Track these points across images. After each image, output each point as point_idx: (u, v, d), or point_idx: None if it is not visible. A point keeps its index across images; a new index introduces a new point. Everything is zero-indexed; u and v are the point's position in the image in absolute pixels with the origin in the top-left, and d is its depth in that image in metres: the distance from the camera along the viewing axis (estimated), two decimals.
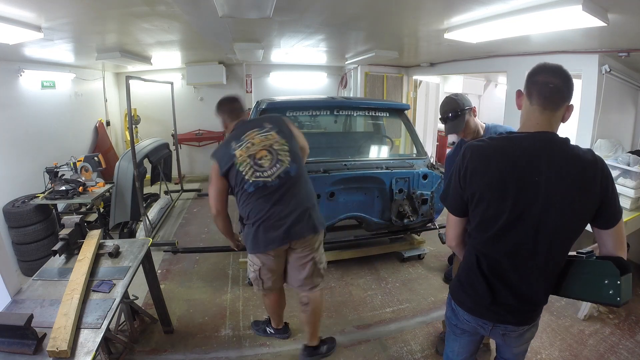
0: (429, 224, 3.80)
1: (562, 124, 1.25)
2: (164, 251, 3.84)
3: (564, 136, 1.22)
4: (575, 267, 1.29)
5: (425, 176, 3.48)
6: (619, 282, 1.13)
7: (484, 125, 2.30)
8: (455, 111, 2.17)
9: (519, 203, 1.21)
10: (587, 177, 1.18)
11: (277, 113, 4.00)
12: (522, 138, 1.24)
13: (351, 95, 6.93)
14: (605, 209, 1.21)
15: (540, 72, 1.21)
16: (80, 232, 2.33)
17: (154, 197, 5.58)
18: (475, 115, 2.25)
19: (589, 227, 1.30)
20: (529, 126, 1.24)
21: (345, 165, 3.42)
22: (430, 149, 7.76)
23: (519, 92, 1.29)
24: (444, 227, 4.36)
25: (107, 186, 3.83)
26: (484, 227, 1.29)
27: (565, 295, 1.34)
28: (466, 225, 1.42)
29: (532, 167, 1.19)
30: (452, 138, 2.62)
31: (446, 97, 2.28)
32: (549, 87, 1.18)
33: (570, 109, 1.22)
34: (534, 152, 1.20)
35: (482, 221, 1.29)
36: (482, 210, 1.27)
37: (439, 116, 2.28)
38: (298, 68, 7.08)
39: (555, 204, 1.19)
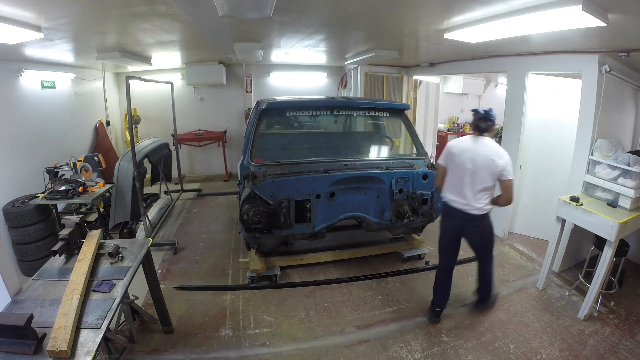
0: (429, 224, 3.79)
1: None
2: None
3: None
4: None
5: (425, 176, 3.47)
6: None
7: None
8: None
9: None
10: None
11: (277, 113, 4.02)
12: None
13: (351, 95, 6.94)
14: None
15: None
16: (80, 232, 2.33)
17: (154, 197, 5.57)
18: None
19: None
20: None
21: (345, 165, 3.42)
22: (430, 149, 7.74)
23: None
24: None
25: (107, 186, 3.83)
26: None
27: None
28: None
29: None
30: None
31: None
32: None
33: None
34: None
35: None
36: None
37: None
38: (298, 68, 7.08)
39: None
